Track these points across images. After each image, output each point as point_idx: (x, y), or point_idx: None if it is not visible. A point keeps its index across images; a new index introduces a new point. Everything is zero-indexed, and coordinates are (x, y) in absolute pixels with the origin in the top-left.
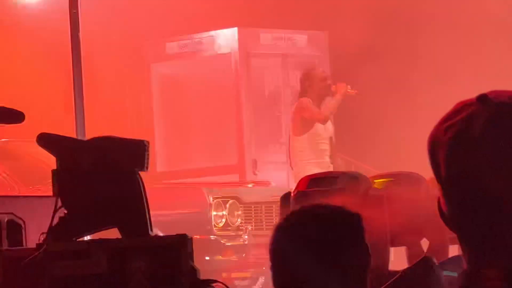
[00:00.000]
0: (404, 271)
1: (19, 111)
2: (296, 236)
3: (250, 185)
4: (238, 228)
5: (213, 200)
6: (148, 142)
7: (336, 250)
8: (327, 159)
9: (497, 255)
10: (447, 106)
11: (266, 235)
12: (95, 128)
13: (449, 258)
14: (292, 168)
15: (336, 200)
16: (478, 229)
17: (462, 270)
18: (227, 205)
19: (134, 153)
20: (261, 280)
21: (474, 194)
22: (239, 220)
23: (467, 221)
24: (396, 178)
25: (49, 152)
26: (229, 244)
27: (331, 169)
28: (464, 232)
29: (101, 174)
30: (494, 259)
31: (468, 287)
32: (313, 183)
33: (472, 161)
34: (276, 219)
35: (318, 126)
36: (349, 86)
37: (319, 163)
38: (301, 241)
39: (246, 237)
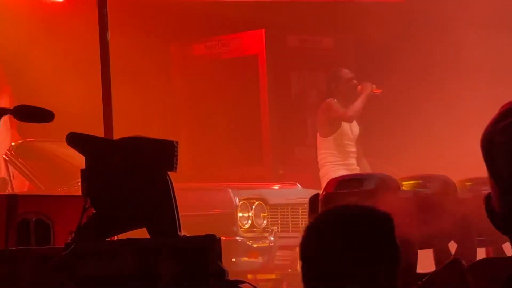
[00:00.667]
0: (434, 273)
1: (49, 110)
2: (326, 236)
3: (276, 187)
4: (264, 230)
5: (239, 202)
6: (177, 142)
7: (367, 251)
8: (354, 161)
9: None
10: (475, 108)
11: (292, 237)
12: (122, 130)
13: (477, 261)
14: (319, 170)
15: (365, 202)
16: None
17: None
18: (253, 207)
19: (163, 153)
20: (285, 284)
21: None
22: (265, 221)
23: None
24: (424, 180)
25: (78, 151)
26: (255, 245)
27: (357, 171)
28: None
29: (130, 174)
30: None
31: None
32: (341, 185)
33: None
34: (302, 221)
35: (345, 127)
36: (374, 86)
37: (346, 165)
38: (331, 241)
39: (272, 238)
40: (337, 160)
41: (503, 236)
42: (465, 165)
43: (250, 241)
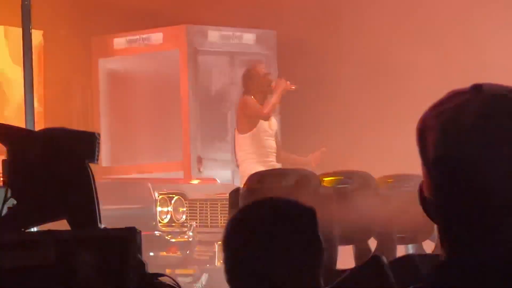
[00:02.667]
0: (354, 269)
1: None
2: (249, 229)
3: (195, 182)
4: (182, 225)
5: (158, 196)
6: (98, 134)
7: (290, 243)
8: (273, 157)
9: (478, 244)
10: (401, 104)
11: (210, 232)
12: (43, 122)
13: (398, 258)
14: (237, 166)
15: (286, 197)
16: (461, 217)
17: (439, 260)
18: (172, 202)
19: (85, 144)
20: (204, 277)
21: (462, 181)
22: (184, 216)
23: (451, 208)
24: (345, 176)
25: None
26: (173, 240)
27: (277, 167)
28: (446, 218)
29: (52, 165)
30: (475, 248)
31: (445, 275)
32: (262, 180)
33: (462, 147)
34: (221, 216)
35: (263, 123)
36: (288, 82)
37: (265, 161)
38: (254, 234)
39: (191, 233)
40: (256, 156)
41: (423, 234)
42: (387, 161)
43: (169, 236)
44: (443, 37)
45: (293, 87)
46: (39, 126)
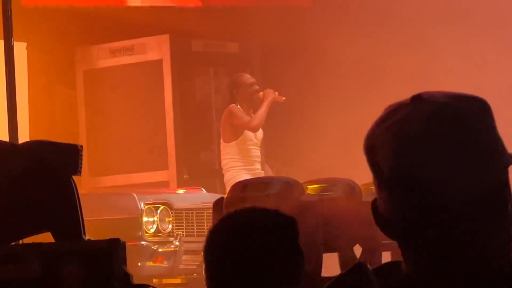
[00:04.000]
0: (338, 276)
1: None
2: (229, 239)
3: (181, 191)
4: (169, 234)
5: (144, 206)
6: (81, 146)
7: (270, 254)
8: (259, 165)
9: (439, 255)
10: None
11: (197, 241)
12: (25, 131)
13: (383, 264)
14: (223, 175)
15: (269, 206)
16: (419, 229)
17: (401, 274)
18: (158, 211)
19: (68, 157)
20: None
21: (420, 194)
22: (170, 226)
23: (409, 221)
24: (329, 184)
25: None
26: (160, 250)
27: (262, 175)
28: (405, 233)
29: (34, 177)
30: (436, 259)
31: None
32: (246, 188)
33: (415, 160)
34: (207, 225)
35: (248, 133)
36: (276, 93)
37: (250, 170)
38: (234, 245)
39: (177, 243)
40: (241, 165)
41: None
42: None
43: (155, 246)
44: (426, 38)
45: (283, 99)
46: (23, 138)
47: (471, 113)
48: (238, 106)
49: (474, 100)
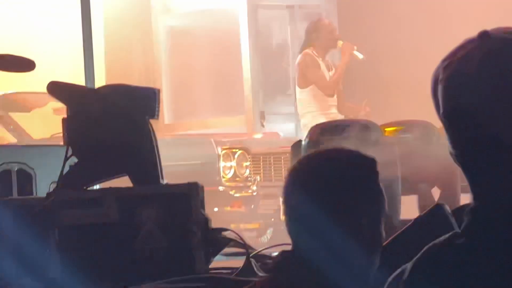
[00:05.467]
0: (417, 219)
1: (29, 59)
2: (310, 179)
3: (258, 136)
4: (246, 179)
5: (221, 151)
6: (158, 90)
7: (352, 193)
8: (335, 109)
9: (499, 190)
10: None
11: (274, 186)
12: (101, 76)
13: (461, 206)
14: (299, 120)
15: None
16: (479, 165)
17: (469, 207)
18: (236, 156)
19: (145, 100)
20: (269, 231)
21: (472, 130)
22: (247, 171)
23: (468, 158)
24: (407, 126)
25: (59, 100)
26: (237, 195)
27: (339, 118)
28: (467, 168)
29: (112, 121)
30: (496, 194)
31: (474, 223)
32: (324, 132)
33: (467, 98)
34: (284, 170)
35: (322, 77)
36: (355, 47)
37: (326, 114)
38: (315, 184)
39: (255, 188)
40: (317, 109)
41: None
42: None
43: (233, 191)
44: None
45: (361, 57)
46: (99, 83)
47: None
48: (314, 51)
49: None
